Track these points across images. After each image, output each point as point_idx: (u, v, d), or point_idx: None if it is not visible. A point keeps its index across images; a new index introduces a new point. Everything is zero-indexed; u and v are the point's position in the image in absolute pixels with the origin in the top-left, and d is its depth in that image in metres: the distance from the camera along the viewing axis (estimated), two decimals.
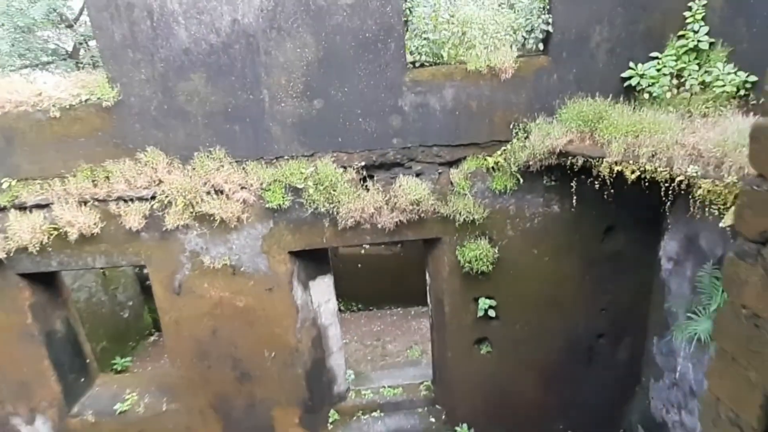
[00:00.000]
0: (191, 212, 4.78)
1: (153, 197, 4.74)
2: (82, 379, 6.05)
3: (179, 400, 5.74)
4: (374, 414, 6.11)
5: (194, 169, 4.66)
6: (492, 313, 5.21)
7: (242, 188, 4.70)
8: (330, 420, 5.98)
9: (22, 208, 4.80)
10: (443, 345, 5.63)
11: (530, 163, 4.53)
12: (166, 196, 4.70)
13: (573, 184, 4.54)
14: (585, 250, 5.08)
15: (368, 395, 6.21)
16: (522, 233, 4.99)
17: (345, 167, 4.71)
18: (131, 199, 4.76)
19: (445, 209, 4.84)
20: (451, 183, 4.82)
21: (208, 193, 4.71)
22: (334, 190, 4.67)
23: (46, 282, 5.46)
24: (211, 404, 5.72)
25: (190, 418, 5.79)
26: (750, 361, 2.41)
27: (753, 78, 3.90)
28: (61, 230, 4.81)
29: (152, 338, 9.12)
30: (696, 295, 4.47)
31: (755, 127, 2.31)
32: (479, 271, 4.97)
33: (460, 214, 4.81)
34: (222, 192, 4.71)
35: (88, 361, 6.18)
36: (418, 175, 4.79)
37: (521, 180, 4.75)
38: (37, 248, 4.86)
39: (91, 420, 5.79)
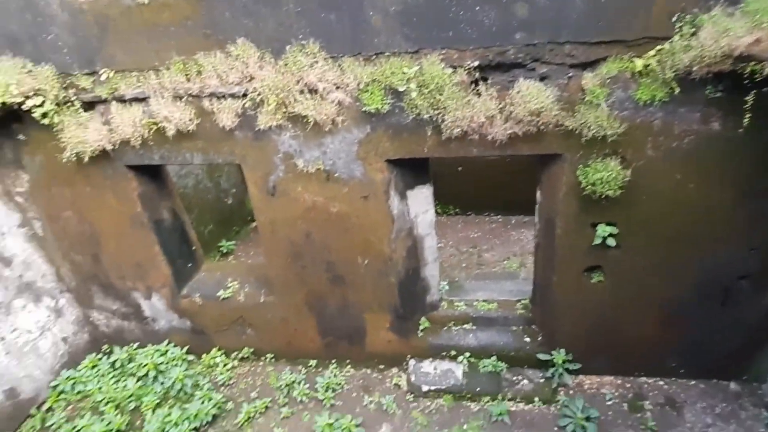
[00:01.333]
0: (284, 112, 4.43)
1: (245, 95, 4.42)
2: (190, 265, 6.42)
3: (275, 294, 5.92)
4: (466, 326, 5.94)
5: (286, 65, 4.20)
6: (611, 241, 4.54)
7: (337, 88, 4.21)
8: (421, 327, 5.92)
9: (121, 100, 4.74)
10: (549, 268, 5.14)
11: (693, 68, 3.51)
12: (258, 94, 4.35)
13: (750, 97, 3.51)
14: (744, 179, 4.09)
15: (461, 307, 6.01)
16: (665, 154, 4.09)
17: (454, 67, 3.99)
18: (223, 96, 4.49)
19: (570, 122, 4.03)
20: (583, 90, 3.94)
21: (302, 92, 4.28)
22: (440, 95, 4.02)
23: (151, 174, 5.59)
24: (305, 301, 5.84)
25: (285, 311, 6.00)
26: None
27: None
28: (159, 125, 4.73)
29: (253, 224, 9.50)
30: None
31: None
32: (603, 195, 4.24)
33: (588, 128, 3.99)
34: (316, 92, 4.26)
35: (194, 248, 6.51)
36: (542, 79, 3.95)
37: (675, 89, 3.75)
38: (139, 142, 4.86)
39: (199, 302, 6.21)
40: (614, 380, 5.56)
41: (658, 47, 3.66)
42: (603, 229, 4.54)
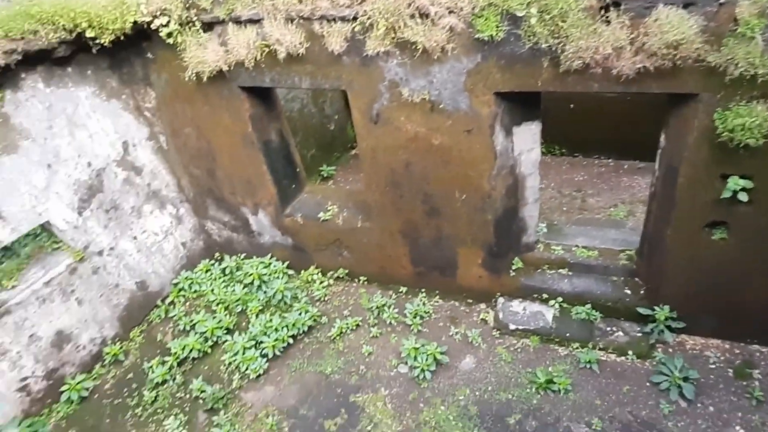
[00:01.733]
0: (393, 38, 4.30)
1: (355, 18, 4.34)
2: (293, 186, 6.74)
3: (372, 220, 6.08)
4: (561, 271, 5.77)
5: None
6: (743, 196, 4.04)
7: (450, 12, 3.98)
8: (513, 267, 5.84)
9: (237, 22, 4.87)
10: (663, 219, 4.74)
11: None
12: (368, 18, 4.24)
13: None
14: None
15: (558, 251, 5.80)
16: None
17: None
18: (334, 19, 4.44)
19: (714, 57, 3.51)
20: (735, 20, 3.38)
21: (412, 16, 4.11)
22: (563, 21, 3.66)
23: (262, 96, 5.79)
24: (400, 230, 5.95)
25: (381, 238, 6.18)
26: None
27: None
28: (271, 47, 4.82)
29: (354, 151, 9.68)
30: None
31: None
32: (741, 144, 3.74)
33: (736, 65, 3.46)
34: (427, 16, 4.07)
35: (297, 170, 6.79)
36: (686, 6, 3.43)
37: None
38: (252, 64, 5.01)
39: (300, 221, 6.57)
40: (721, 344, 5.18)
41: None
42: (735, 182, 4.05)
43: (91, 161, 5.80)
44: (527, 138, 4.99)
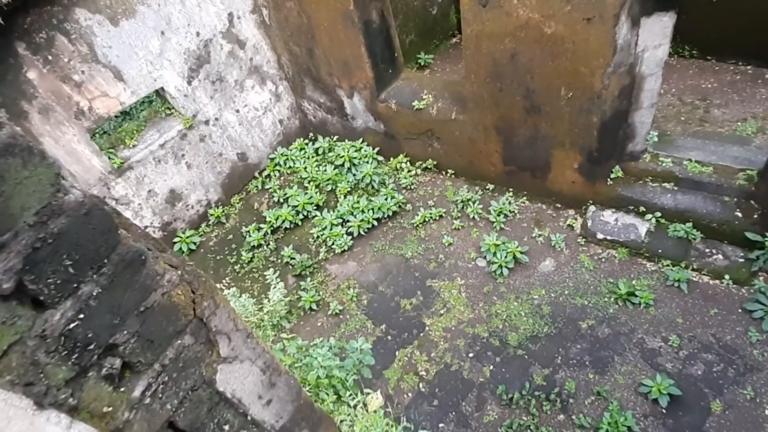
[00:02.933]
0: None
1: None
2: (390, 71, 6.59)
3: (467, 113, 5.90)
4: (666, 184, 5.38)
5: None
6: None
7: None
8: (612, 175, 5.52)
9: None
10: None
11: None
12: None
13: None
14: None
15: (667, 163, 5.36)
16: None
17: None
18: None
19: None
20: None
21: None
22: None
23: None
24: (495, 125, 5.75)
25: (474, 132, 6.02)
26: None
27: None
28: None
29: (454, 40, 9.16)
30: None
31: None
32: None
33: None
34: None
35: (396, 55, 6.59)
36: None
37: None
38: None
39: (394, 108, 6.52)
40: None
41: None
42: None
43: (200, 31, 5.97)
44: (656, 32, 4.42)
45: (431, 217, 6.32)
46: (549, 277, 5.48)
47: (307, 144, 7.50)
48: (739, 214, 4.99)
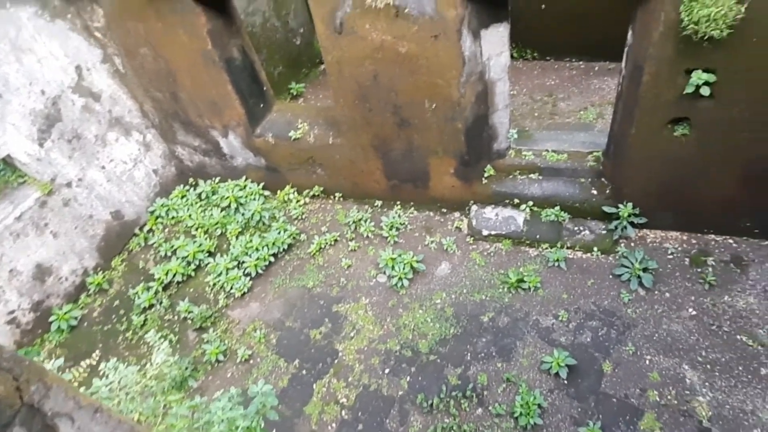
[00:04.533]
0: None
1: None
2: (261, 105, 6.57)
3: (343, 136, 6.04)
4: (532, 176, 5.90)
5: None
6: (705, 90, 4.10)
7: None
8: (485, 174, 5.94)
9: None
10: (628, 118, 4.81)
11: None
12: None
13: None
14: None
15: (529, 156, 5.89)
16: None
17: None
18: None
19: None
20: None
21: None
22: None
23: (218, 9, 5.48)
24: (371, 144, 5.94)
25: (353, 153, 6.17)
26: None
27: None
28: None
29: (322, 67, 9.36)
30: None
31: None
32: (706, 36, 3.73)
33: None
34: None
35: (265, 88, 6.59)
36: None
37: None
38: None
39: (272, 141, 6.49)
40: (680, 236, 5.48)
41: None
42: (698, 76, 4.08)
43: (45, 89, 5.54)
44: (496, 41, 4.88)
45: (327, 243, 6.34)
46: (447, 279, 5.73)
47: (188, 190, 7.20)
48: (595, 192, 5.60)
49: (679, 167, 4.87)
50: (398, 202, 6.58)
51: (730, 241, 5.31)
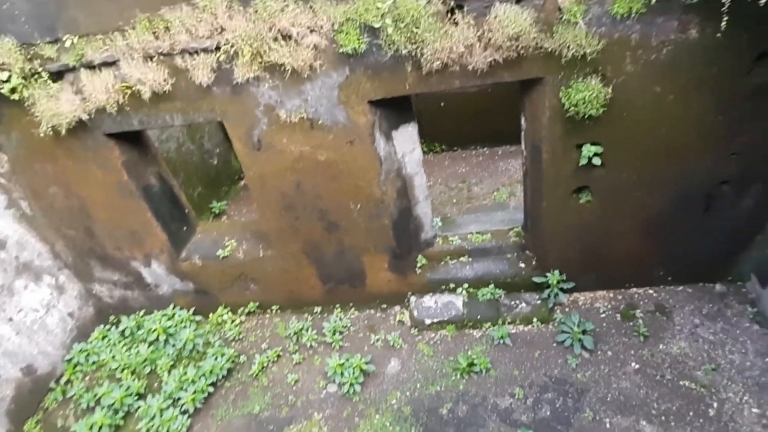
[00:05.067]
0: (260, 62, 4.33)
1: (218, 48, 4.31)
2: (185, 228, 6.44)
3: (273, 247, 6.00)
4: (462, 259, 6.11)
5: (256, 11, 4.08)
6: (597, 160, 4.62)
7: (312, 31, 4.12)
8: (418, 264, 6.07)
9: (90, 66, 4.60)
10: (538, 194, 5.24)
11: None
12: (231, 46, 4.24)
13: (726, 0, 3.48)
14: (724, 86, 4.13)
15: (456, 241, 6.15)
16: (644, 68, 4.10)
17: None
18: (196, 51, 4.37)
19: (549, 43, 4.00)
20: (559, 9, 3.89)
21: (275, 39, 4.18)
22: (417, 28, 3.95)
23: (133, 141, 5.50)
24: (303, 251, 5.94)
25: (285, 263, 6.11)
26: None
27: None
28: (133, 89, 4.62)
29: (242, 182, 9.48)
30: None
31: None
32: (586, 115, 4.27)
33: (568, 48, 3.97)
34: (290, 37, 4.16)
35: (186, 211, 6.51)
36: (518, 1, 3.89)
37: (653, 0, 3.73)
38: (115, 108, 4.76)
39: (199, 263, 6.29)
40: (606, 294, 5.81)
41: None
42: (588, 149, 4.61)
43: None
44: (407, 140, 5.26)
45: (269, 361, 6.01)
46: (398, 376, 5.57)
47: (109, 330, 6.65)
48: (522, 265, 5.89)
49: (591, 231, 5.29)
50: (337, 305, 6.49)
51: (651, 291, 5.70)
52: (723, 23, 3.61)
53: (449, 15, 3.98)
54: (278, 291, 6.45)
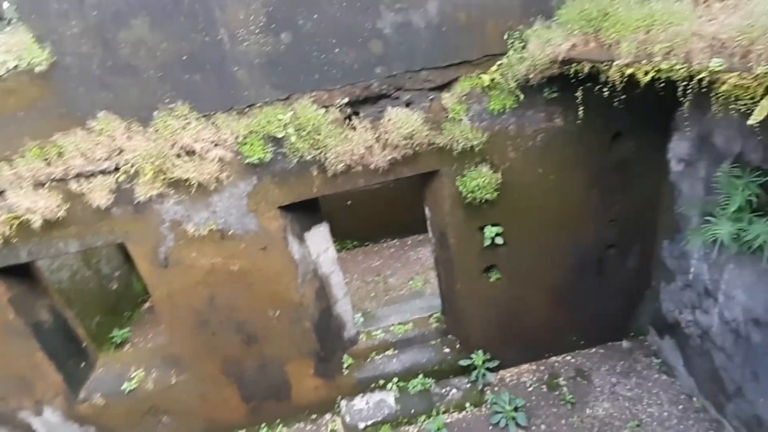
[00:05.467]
0: (163, 179, 4.30)
1: (116, 169, 4.24)
2: (83, 364, 5.80)
3: (187, 370, 5.56)
4: (388, 352, 6.05)
5: (157, 130, 4.13)
6: (499, 240, 4.98)
7: (216, 145, 4.21)
8: (345, 365, 5.90)
9: None
10: (451, 278, 5.46)
11: (530, 76, 4.09)
12: (132, 166, 4.19)
13: (579, 93, 4.13)
14: (591, 162, 4.78)
15: (379, 335, 6.11)
16: (525, 153, 4.64)
17: (326, 107, 4.21)
18: (92, 174, 4.25)
19: (440, 139, 4.43)
20: (445, 109, 4.37)
21: (178, 155, 4.21)
22: (318, 134, 4.21)
23: (20, 274, 5.03)
24: (221, 370, 5.56)
25: (202, 387, 5.65)
26: None
27: None
28: (22, 218, 4.32)
29: (146, 305, 8.85)
30: (711, 195, 4.27)
31: None
32: (483, 200, 4.67)
33: (457, 142, 4.42)
34: (194, 152, 4.22)
35: (84, 344, 5.91)
36: (408, 104, 4.32)
37: (521, 96, 4.32)
38: (1, 241, 4.40)
39: (100, 402, 5.62)
40: (530, 366, 5.98)
41: (498, 62, 4.22)
42: (490, 231, 4.97)
43: None
44: (320, 240, 5.33)
45: None
46: None
47: None
48: (447, 350, 5.94)
49: (505, 306, 5.55)
50: (264, 424, 6.00)
51: (569, 357, 5.97)
52: (580, 112, 4.25)
53: (347, 121, 4.30)
54: (196, 420, 5.86)
